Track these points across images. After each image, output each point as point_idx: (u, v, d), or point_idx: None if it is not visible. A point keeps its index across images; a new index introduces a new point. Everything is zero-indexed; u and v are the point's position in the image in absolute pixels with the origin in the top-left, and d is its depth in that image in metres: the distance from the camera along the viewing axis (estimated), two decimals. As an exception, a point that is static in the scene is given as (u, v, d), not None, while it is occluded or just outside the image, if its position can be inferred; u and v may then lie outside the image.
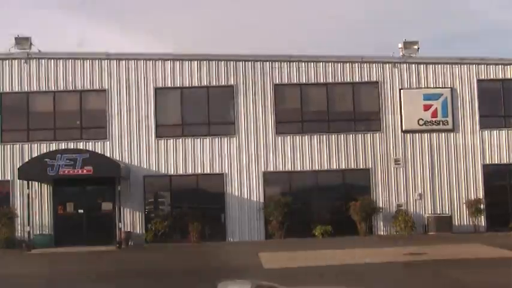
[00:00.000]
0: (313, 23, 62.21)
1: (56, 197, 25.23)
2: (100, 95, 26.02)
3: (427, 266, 16.41)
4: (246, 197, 25.66)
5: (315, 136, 26.06)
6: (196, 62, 26.19)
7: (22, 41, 26.13)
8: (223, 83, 26.19)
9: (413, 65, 26.55)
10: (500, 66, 26.75)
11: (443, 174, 26.03)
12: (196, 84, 26.15)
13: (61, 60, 26.03)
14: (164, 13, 61.64)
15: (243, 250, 21.60)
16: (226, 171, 25.75)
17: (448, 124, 26.20)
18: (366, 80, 26.48)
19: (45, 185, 25.15)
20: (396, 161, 26.06)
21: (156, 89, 26.05)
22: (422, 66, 26.55)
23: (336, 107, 26.95)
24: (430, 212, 25.67)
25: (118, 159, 25.25)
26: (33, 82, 25.96)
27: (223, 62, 26.25)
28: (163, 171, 25.71)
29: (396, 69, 26.52)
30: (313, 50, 69.34)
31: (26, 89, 25.94)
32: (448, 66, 26.60)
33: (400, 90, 26.35)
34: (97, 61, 26.06)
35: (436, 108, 26.18)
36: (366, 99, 26.85)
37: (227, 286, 7.37)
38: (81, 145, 25.17)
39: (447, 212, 25.70)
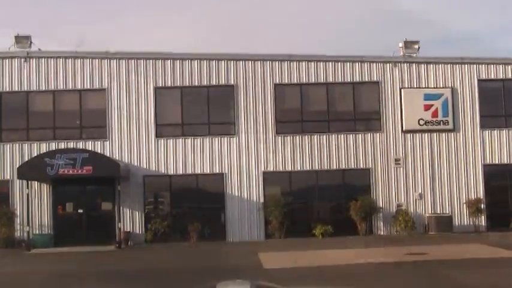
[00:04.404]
0: (313, 23, 62.19)
1: (55, 197, 25.18)
2: (100, 94, 25.96)
3: (428, 266, 16.37)
4: (245, 196, 25.61)
5: (315, 136, 26.01)
6: (196, 61, 26.13)
7: (22, 40, 26.09)
8: (223, 83, 26.13)
9: (414, 65, 26.50)
10: (500, 66, 26.71)
11: (443, 174, 25.99)
12: (196, 84, 26.10)
13: (61, 59, 25.97)
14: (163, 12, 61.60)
15: (242, 250, 21.56)
16: (226, 171, 25.69)
17: (448, 124, 26.15)
18: (367, 79, 26.44)
19: (45, 185, 25.10)
20: (396, 160, 26.02)
21: (156, 89, 25.99)
22: (422, 66, 26.51)
23: (336, 106, 26.93)
24: (430, 212, 25.62)
25: (118, 158, 25.20)
26: (33, 81, 25.89)
27: (223, 61, 26.19)
28: (163, 171, 25.66)
29: (397, 69, 26.47)
30: (313, 49, 69.33)
31: (26, 88, 25.88)
32: (449, 66, 26.56)
33: (400, 90, 26.31)
34: (97, 60, 26.01)
35: (437, 108, 26.13)
36: (366, 99, 26.81)
37: (227, 286, 7.33)
38: (80, 145, 25.12)
39: (447, 212, 25.66)
